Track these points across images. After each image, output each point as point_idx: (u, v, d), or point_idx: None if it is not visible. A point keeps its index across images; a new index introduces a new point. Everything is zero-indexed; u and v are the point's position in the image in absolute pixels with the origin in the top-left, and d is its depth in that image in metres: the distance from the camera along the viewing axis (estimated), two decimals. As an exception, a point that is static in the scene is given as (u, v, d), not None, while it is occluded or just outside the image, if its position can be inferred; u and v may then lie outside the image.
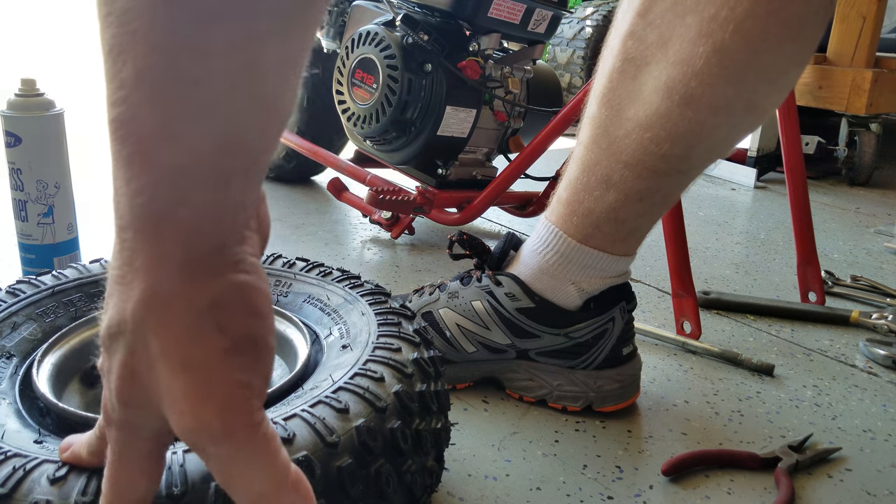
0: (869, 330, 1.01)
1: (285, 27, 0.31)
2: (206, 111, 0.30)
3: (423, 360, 0.54)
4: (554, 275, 0.72)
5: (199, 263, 0.32)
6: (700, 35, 0.58)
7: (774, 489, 0.65)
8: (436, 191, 1.22)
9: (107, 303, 0.34)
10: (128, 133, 0.30)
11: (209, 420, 0.32)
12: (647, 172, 0.65)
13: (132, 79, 0.29)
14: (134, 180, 0.31)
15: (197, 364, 0.32)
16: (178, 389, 0.32)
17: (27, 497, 0.39)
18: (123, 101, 0.30)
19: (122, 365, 0.33)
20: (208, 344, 0.32)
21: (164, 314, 0.32)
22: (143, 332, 0.32)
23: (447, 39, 1.16)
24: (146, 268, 0.32)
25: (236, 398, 0.32)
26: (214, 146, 0.30)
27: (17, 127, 0.90)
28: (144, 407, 0.34)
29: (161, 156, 0.30)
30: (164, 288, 0.32)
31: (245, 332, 0.33)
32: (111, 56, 0.30)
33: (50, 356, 0.56)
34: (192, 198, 0.31)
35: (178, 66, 0.29)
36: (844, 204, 1.81)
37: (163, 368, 0.32)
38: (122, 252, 0.32)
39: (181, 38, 0.29)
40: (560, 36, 2.62)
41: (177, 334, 0.32)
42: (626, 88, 0.64)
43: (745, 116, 0.63)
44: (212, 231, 0.32)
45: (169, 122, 0.30)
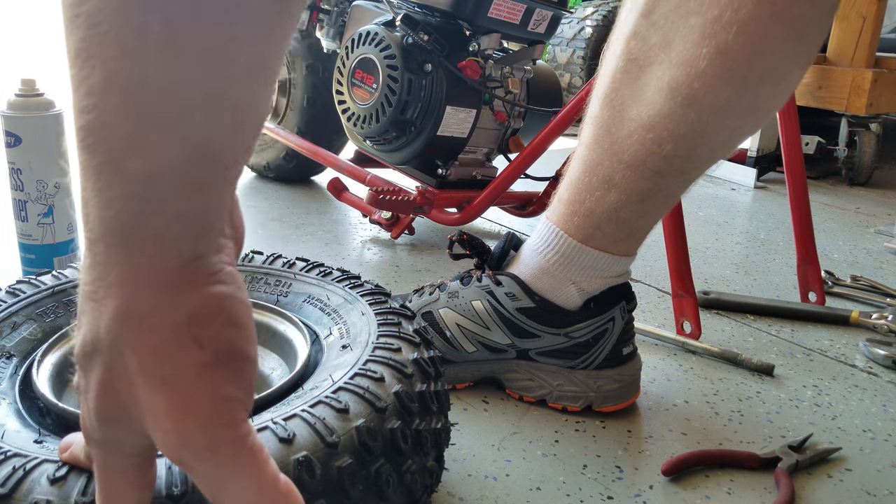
0: (869, 330, 1.01)
1: (260, 31, 0.30)
2: (179, 118, 0.29)
3: (423, 360, 0.54)
4: (554, 275, 0.72)
5: (174, 276, 0.31)
6: (703, 36, 0.58)
7: (774, 489, 0.65)
8: (436, 191, 1.22)
9: (79, 320, 0.33)
10: (97, 141, 0.29)
11: (193, 436, 0.31)
12: (648, 173, 0.65)
13: (101, 85, 0.28)
14: (104, 191, 0.29)
15: (177, 379, 0.31)
16: (159, 406, 0.31)
17: (27, 497, 0.39)
18: (93, 109, 0.28)
19: (100, 383, 0.32)
20: (187, 359, 0.31)
21: (140, 330, 0.31)
22: (120, 349, 0.31)
23: (447, 39, 1.17)
24: (119, 283, 0.30)
25: (220, 412, 0.31)
26: (187, 154, 0.29)
27: (17, 127, 0.90)
28: (125, 424, 0.33)
29: (132, 165, 0.29)
30: (139, 303, 0.31)
31: (225, 345, 0.32)
32: (79, 60, 0.28)
33: (50, 356, 0.56)
34: (165, 208, 0.30)
35: (149, 71, 0.28)
36: (844, 204, 1.81)
37: (142, 385, 0.31)
38: (94, 267, 0.31)
39: (153, 42, 0.27)
40: (560, 36, 2.62)
41: (154, 350, 0.31)
42: (628, 89, 0.64)
43: (748, 118, 0.63)
44: (186, 241, 0.31)
45: (140, 130, 0.28)
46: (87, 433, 0.35)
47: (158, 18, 0.27)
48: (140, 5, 0.27)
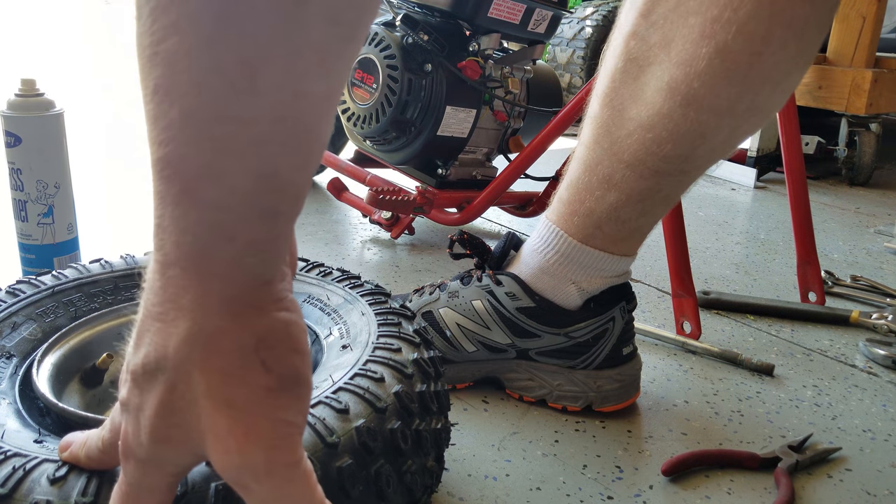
0: (869, 330, 1.01)
1: (327, 65, 0.31)
2: (251, 150, 0.30)
3: (423, 360, 0.54)
4: (554, 274, 0.72)
5: (244, 301, 0.32)
6: (703, 36, 0.58)
7: (774, 489, 0.65)
8: (436, 191, 1.22)
9: (140, 339, 0.34)
10: (174, 173, 0.31)
11: (254, 458, 0.32)
12: (648, 173, 0.65)
13: (179, 119, 0.29)
14: (181, 219, 0.31)
15: (242, 402, 0.32)
16: (223, 427, 0.32)
17: (27, 497, 0.39)
18: (170, 142, 0.30)
19: (161, 402, 0.33)
20: (254, 382, 0.32)
21: (210, 352, 0.32)
22: (187, 370, 0.32)
23: (447, 39, 1.16)
24: (192, 306, 0.32)
25: (280, 436, 0.33)
26: (259, 183, 0.31)
27: (17, 127, 0.90)
28: (179, 444, 0.34)
29: (207, 194, 0.30)
30: (211, 326, 0.32)
31: (289, 370, 0.33)
32: (157, 96, 0.30)
33: (50, 356, 0.56)
34: (237, 235, 0.31)
35: (223, 106, 0.29)
36: (844, 204, 1.81)
37: (207, 406, 0.32)
38: (166, 289, 0.32)
39: (227, 78, 0.29)
40: (560, 36, 2.62)
41: (223, 372, 0.32)
42: (628, 88, 0.64)
43: (748, 118, 0.62)
44: (257, 268, 0.33)
45: (214, 162, 0.30)
46: (130, 450, 0.35)
47: (233, 58, 0.29)
48: (216, 45, 0.28)
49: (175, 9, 0.28)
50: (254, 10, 0.28)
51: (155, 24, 0.29)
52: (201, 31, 0.28)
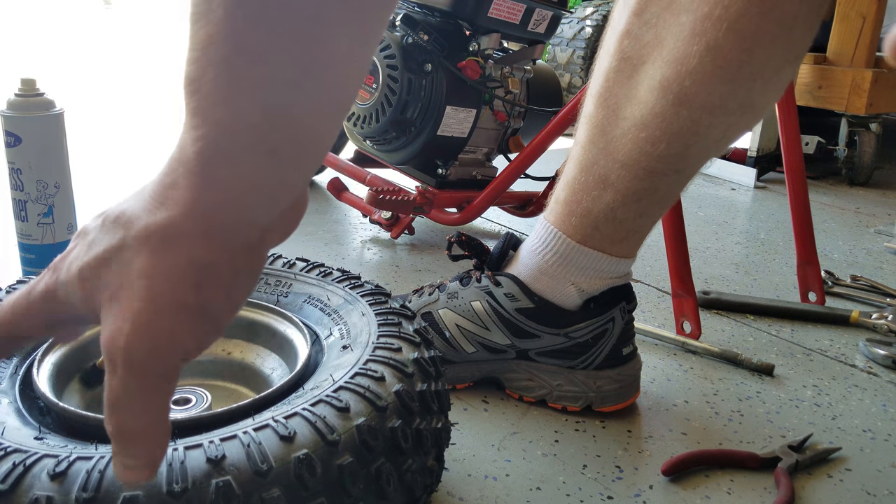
0: (869, 330, 1.01)
1: (354, 19, 0.33)
2: (261, 83, 0.32)
3: (423, 359, 0.54)
4: (553, 275, 0.72)
5: (220, 227, 0.34)
6: (694, 34, 0.58)
7: (774, 489, 0.65)
8: (436, 191, 1.22)
9: (129, 198, 0.36)
10: (193, 89, 0.33)
11: (136, 349, 0.33)
12: (643, 172, 0.65)
13: (203, 42, 0.32)
14: (194, 129, 0.33)
15: (160, 301, 0.34)
16: (129, 309, 0.34)
17: (28, 493, 0.39)
18: (195, 61, 0.33)
19: (105, 250, 0.35)
20: (181, 293, 0.34)
21: (169, 245, 0.34)
22: (142, 245, 0.34)
23: (447, 39, 1.17)
24: (179, 203, 0.34)
25: (168, 350, 0.34)
26: (264, 117, 0.33)
27: (17, 127, 0.90)
28: (88, 290, 0.36)
29: (216, 115, 0.33)
30: (183, 227, 0.34)
31: (214, 307, 0.35)
32: (193, 19, 0.33)
33: (50, 356, 0.56)
34: (240, 161, 0.33)
35: (241, 36, 0.32)
36: (844, 204, 1.81)
37: (131, 282, 0.34)
38: (167, 177, 0.35)
39: (250, 11, 0.31)
40: (560, 36, 2.62)
41: (164, 267, 0.34)
42: (622, 88, 0.64)
43: (741, 115, 0.63)
44: (250, 203, 0.35)
45: (225, 87, 0.32)
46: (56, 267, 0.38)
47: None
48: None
49: None
50: None
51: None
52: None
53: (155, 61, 4.52)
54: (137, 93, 3.11)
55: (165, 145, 2.05)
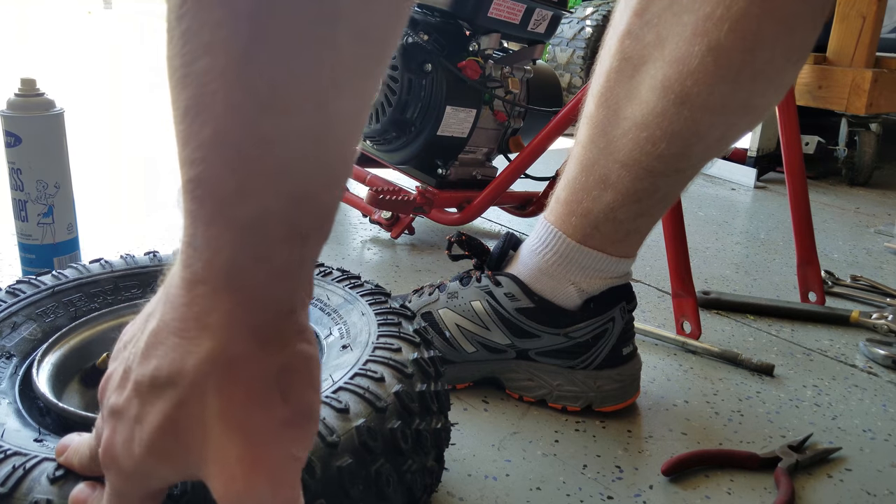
0: (869, 330, 1.01)
1: (356, 84, 0.31)
2: (283, 170, 0.30)
3: (423, 360, 0.54)
4: (553, 275, 0.72)
5: (271, 329, 0.32)
6: (695, 34, 0.58)
7: (774, 489, 0.65)
8: (436, 191, 1.22)
9: (150, 350, 0.33)
10: (206, 193, 0.30)
11: (259, 489, 0.32)
12: (643, 172, 0.65)
13: (210, 139, 0.29)
14: (214, 239, 0.31)
15: (256, 431, 0.32)
16: (231, 453, 0.32)
17: (27, 496, 0.39)
18: (202, 162, 0.30)
19: (167, 417, 0.32)
20: (270, 413, 0.32)
21: (231, 376, 0.32)
22: (203, 390, 0.32)
23: (447, 39, 1.16)
24: (218, 327, 0.31)
25: (288, 471, 0.33)
26: (291, 204, 0.31)
27: (17, 127, 0.90)
28: (174, 461, 0.33)
29: (241, 215, 0.30)
30: (235, 350, 0.32)
31: (305, 406, 0.33)
32: (188, 117, 0.30)
33: (50, 356, 0.56)
34: (270, 256, 0.31)
35: (255, 126, 0.29)
36: (844, 204, 1.80)
37: (217, 429, 0.32)
38: (191, 306, 0.32)
39: (259, 99, 0.29)
40: (560, 36, 2.62)
41: (240, 398, 0.32)
42: (623, 88, 0.64)
43: (742, 116, 0.62)
44: (285, 294, 0.32)
45: (247, 182, 0.30)
46: (114, 459, 0.34)
47: (265, 79, 0.29)
48: (249, 66, 0.29)
49: (208, 31, 0.28)
50: (286, 32, 0.28)
51: (186, 45, 0.29)
52: (234, 53, 0.28)
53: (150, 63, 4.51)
54: (137, 93, 3.11)
55: (165, 145, 2.04)
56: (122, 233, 1.22)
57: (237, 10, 0.28)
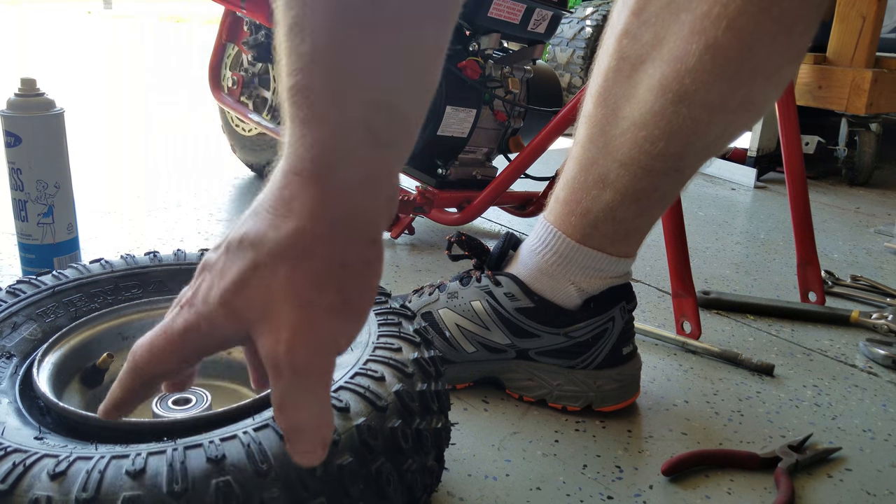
0: (869, 330, 1.01)
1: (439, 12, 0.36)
2: (371, 79, 0.35)
3: (423, 359, 0.54)
4: (553, 275, 0.72)
5: (346, 224, 0.37)
6: (693, 32, 0.58)
7: (774, 489, 0.65)
8: (436, 191, 1.22)
9: (245, 219, 0.38)
10: (303, 98, 0.35)
11: (298, 355, 0.36)
12: (642, 171, 0.65)
13: (309, 52, 0.34)
14: (308, 136, 0.36)
15: (311, 307, 0.36)
16: (284, 320, 0.36)
17: (27, 493, 0.39)
18: (300, 71, 0.35)
19: (241, 273, 0.37)
20: (327, 296, 0.36)
21: (303, 254, 0.36)
22: (276, 260, 0.36)
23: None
24: (302, 211, 0.36)
25: (327, 348, 0.37)
26: (376, 112, 0.35)
27: (17, 127, 0.90)
28: (236, 315, 0.37)
29: (330, 117, 0.35)
30: (313, 233, 0.36)
31: (357, 302, 0.38)
32: (292, 32, 0.35)
33: (50, 356, 0.56)
34: (354, 156, 0.36)
35: (348, 40, 0.34)
36: (844, 204, 1.81)
37: (278, 296, 0.36)
38: (283, 190, 0.37)
39: (353, 17, 0.34)
40: (560, 36, 2.62)
41: (305, 276, 0.36)
42: (621, 87, 0.64)
43: (741, 114, 0.63)
44: (363, 198, 0.37)
45: (338, 89, 0.35)
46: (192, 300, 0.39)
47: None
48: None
49: None
50: None
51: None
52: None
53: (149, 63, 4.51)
54: (137, 93, 3.11)
55: (165, 145, 2.04)
56: (122, 233, 1.23)
57: None
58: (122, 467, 0.40)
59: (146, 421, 0.51)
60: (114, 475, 0.39)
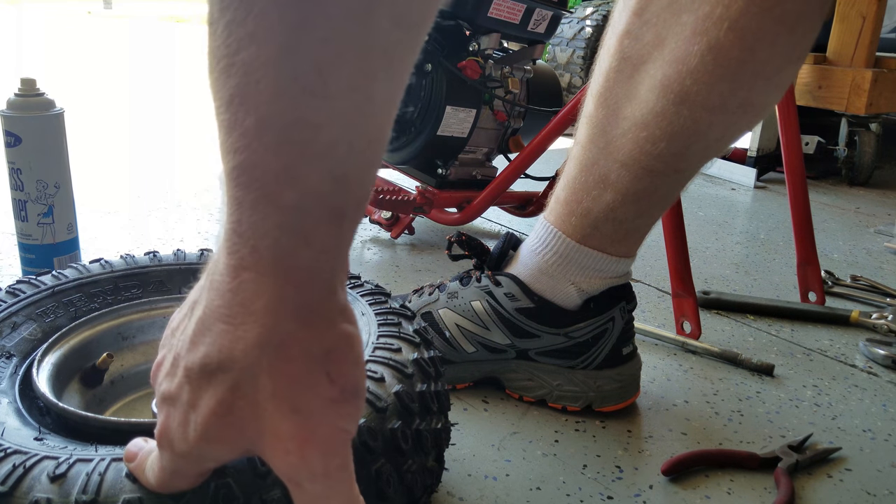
0: (869, 330, 1.01)
1: (392, 67, 0.32)
2: (326, 152, 0.31)
3: (423, 360, 0.54)
4: (553, 275, 0.72)
5: (315, 310, 0.33)
6: (695, 33, 0.58)
7: (774, 489, 0.65)
8: (436, 191, 1.22)
9: (198, 337, 0.34)
10: (251, 178, 0.31)
11: (312, 461, 0.33)
12: (643, 172, 0.65)
13: (255, 126, 0.30)
14: (260, 223, 0.32)
15: (307, 409, 0.33)
16: (285, 431, 0.33)
17: (27, 495, 0.39)
18: (246, 148, 0.31)
19: (219, 401, 0.34)
20: (319, 391, 0.33)
21: (281, 358, 0.33)
22: (254, 373, 0.33)
23: (447, 39, 1.16)
24: (265, 311, 0.32)
25: (337, 443, 0.34)
26: (332, 185, 0.32)
27: (17, 127, 0.90)
28: (229, 442, 0.35)
29: (285, 198, 0.31)
30: (283, 332, 0.33)
31: (351, 384, 0.34)
32: (232, 105, 0.30)
33: (50, 356, 0.56)
34: (313, 237, 0.32)
35: (299, 111, 0.30)
36: (844, 204, 1.80)
37: (270, 409, 0.33)
38: (237, 292, 0.33)
39: (303, 85, 0.30)
40: (560, 36, 2.62)
41: (291, 379, 0.33)
42: (622, 87, 0.64)
43: (742, 115, 0.62)
44: (327, 275, 0.33)
45: (292, 166, 0.31)
46: (170, 441, 0.36)
47: (309, 64, 0.29)
48: (293, 53, 0.29)
49: (252, 20, 0.29)
50: (329, 17, 0.29)
51: (231, 36, 0.30)
52: (278, 41, 0.29)
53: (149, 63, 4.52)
54: (136, 93, 3.11)
55: (164, 145, 2.04)
56: (122, 233, 1.23)
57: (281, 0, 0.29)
58: (122, 469, 0.40)
59: (146, 421, 0.51)
60: (114, 477, 0.39)
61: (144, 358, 0.64)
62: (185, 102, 2.81)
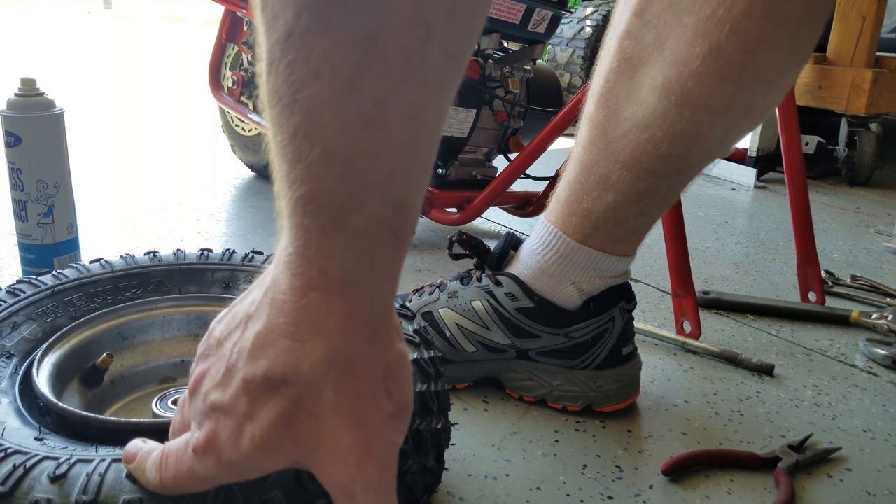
0: (869, 330, 1.01)
1: (441, 95, 0.34)
2: (386, 179, 0.33)
3: (423, 360, 0.54)
4: (553, 275, 0.72)
5: (378, 328, 0.35)
6: (696, 35, 0.58)
7: (774, 489, 0.65)
8: (436, 191, 1.22)
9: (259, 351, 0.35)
10: (318, 206, 0.33)
11: (369, 473, 0.35)
12: (644, 173, 0.65)
13: (320, 158, 0.32)
14: (328, 248, 0.34)
15: (368, 423, 0.35)
16: (346, 443, 0.35)
17: (28, 495, 0.39)
18: (313, 179, 0.33)
19: (281, 414, 0.35)
20: (380, 406, 0.36)
21: (347, 374, 0.35)
22: (319, 388, 0.34)
23: (447, 39, 1.16)
24: (334, 329, 0.34)
25: (390, 456, 0.37)
26: (393, 209, 0.34)
27: (17, 127, 0.90)
28: (284, 454, 0.36)
29: (351, 223, 0.33)
30: (350, 350, 0.35)
31: (405, 399, 0.37)
32: (297, 139, 0.32)
33: (50, 356, 0.56)
34: (377, 259, 0.34)
35: (362, 143, 0.32)
36: (844, 204, 1.80)
37: (333, 422, 0.35)
38: (305, 311, 0.34)
39: (364, 118, 0.32)
40: (560, 36, 2.62)
41: (355, 394, 0.35)
42: (623, 89, 0.64)
43: (744, 117, 0.62)
44: (388, 294, 0.36)
45: (356, 193, 0.33)
46: (217, 450, 0.36)
47: (370, 98, 0.32)
48: (354, 91, 0.31)
49: (315, 60, 0.31)
50: (386, 55, 0.31)
51: (293, 75, 0.31)
52: (342, 79, 0.31)
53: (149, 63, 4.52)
54: (136, 93, 3.11)
55: (164, 145, 2.04)
56: (122, 233, 1.23)
57: (343, 39, 0.30)
58: (122, 470, 0.40)
59: (146, 421, 0.51)
60: (114, 478, 0.39)
61: (144, 358, 0.64)
62: (184, 102, 2.81)
